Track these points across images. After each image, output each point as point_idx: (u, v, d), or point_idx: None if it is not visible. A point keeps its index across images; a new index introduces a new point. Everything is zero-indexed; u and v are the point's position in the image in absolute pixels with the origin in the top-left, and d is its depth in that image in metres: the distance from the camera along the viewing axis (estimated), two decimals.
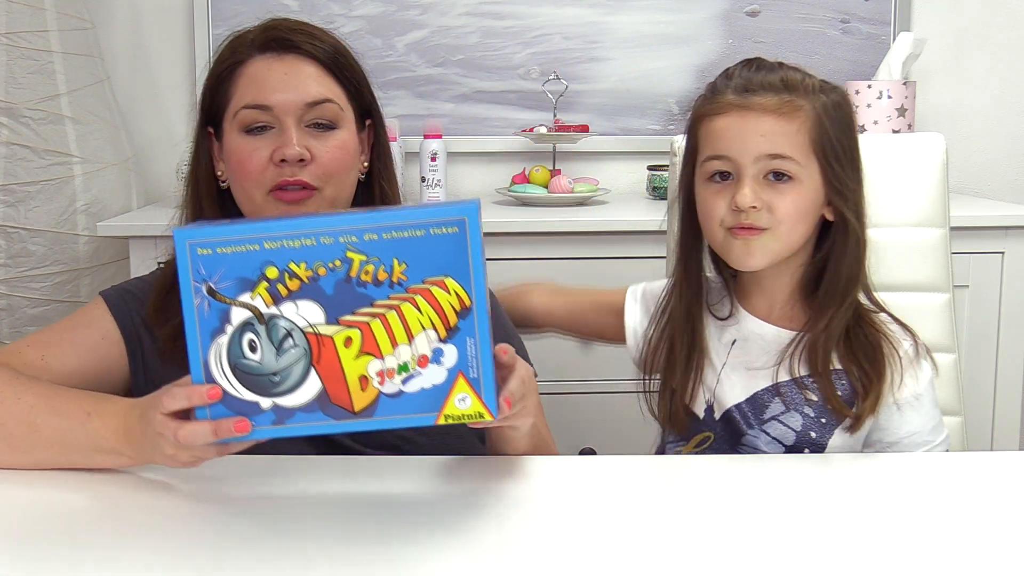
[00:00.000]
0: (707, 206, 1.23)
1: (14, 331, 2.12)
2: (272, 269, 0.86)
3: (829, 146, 1.21)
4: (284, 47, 1.21)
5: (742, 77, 1.24)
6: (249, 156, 1.19)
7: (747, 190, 1.19)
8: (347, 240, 0.86)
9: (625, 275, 2.11)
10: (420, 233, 0.87)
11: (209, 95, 1.24)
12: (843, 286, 1.23)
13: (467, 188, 2.60)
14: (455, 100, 2.58)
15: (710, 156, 1.22)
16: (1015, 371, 2.17)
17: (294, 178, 1.18)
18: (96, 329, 1.20)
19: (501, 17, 2.56)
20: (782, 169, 1.19)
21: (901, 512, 0.98)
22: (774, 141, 1.19)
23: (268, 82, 1.20)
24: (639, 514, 0.97)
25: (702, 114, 1.25)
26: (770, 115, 1.20)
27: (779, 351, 1.25)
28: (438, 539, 0.90)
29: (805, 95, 1.22)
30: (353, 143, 1.24)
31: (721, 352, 1.28)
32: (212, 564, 0.85)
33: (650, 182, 2.47)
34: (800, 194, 1.20)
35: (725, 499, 1.02)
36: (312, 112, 1.20)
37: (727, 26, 2.59)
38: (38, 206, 2.12)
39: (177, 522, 0.94)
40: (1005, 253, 2.14)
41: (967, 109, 2.65)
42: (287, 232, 0.86)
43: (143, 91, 2.55)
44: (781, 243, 1.21)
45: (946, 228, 1.51)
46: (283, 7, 2.48)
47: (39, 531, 0.92)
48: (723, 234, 1.22)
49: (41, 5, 2.14)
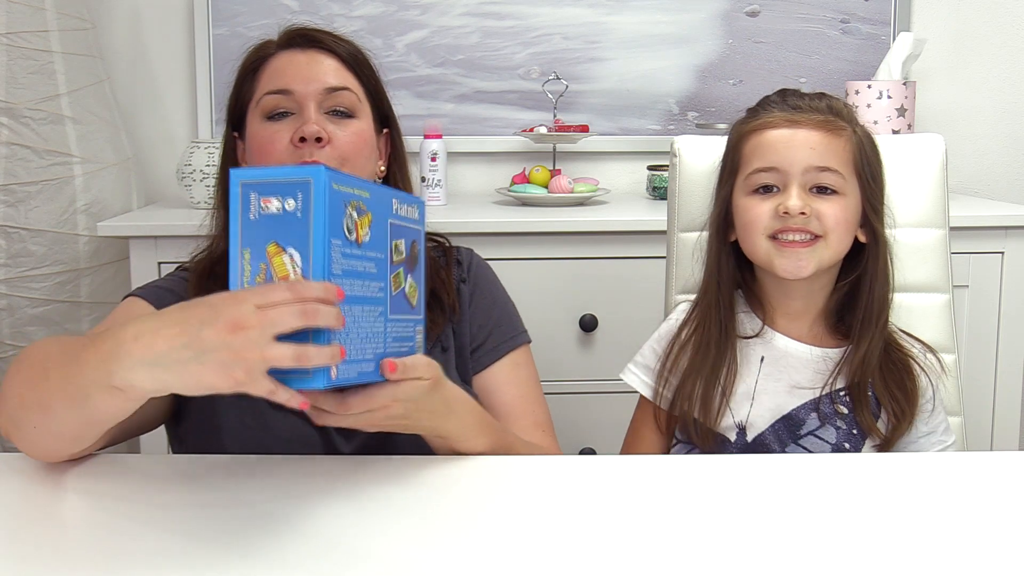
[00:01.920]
0: (750, 215, 1.24)
1: (14, 331, 2.12)
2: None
3: (868, 170, 1.27)
4: (307, 42, 1.27)
5: (787, 100, 1.28)
6: (270, 140, 1.23)
7: (795, 197, 1.21)
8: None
9: (625, 275, 2.13)
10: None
11: (234, 96, 1.29)
12: (878, 306, 1.26)
13: (467, 188, 2.60)
14: (455, 100, 2.58)
15: (758, 168, 1.24)
16: (1015, 371, 2.17)
17: (312, 158, 1.21)
18: None
19: (501, 17, 2.56)
20: (827, 182, 1.23)
21: (901, 512, 0.98)
22: (823, 154, 1.23)
23: (290, 70, 1.25)
24: (639, 514, 0.97)
25: (749, 130, 1.27)
26: (819, 129, 1.24)
27: (813, 369, 1.27)
28: (436, 539, 0.90)
29: (848, 120, 1.27)
30: (370, 134, 1.28)
31: (752, 371, 1.28)
32: (203, 563, 0.86)
33: (650, 182, 2.47)
34: (845, 205, 1.23)
35: (726, 499, 1.02)
36: (331, 99, 1.24)
37: (727, 26, 2.59)
38: (38, 206, 2.12)
39: (165, 522, 0.94)
40: (1005, 253, 2.14)
41: (967, 109, 2.65)
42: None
43: (143, 91, 2.55)
44: (831, 251, 1.23)
45: (946, 228, 1.51)
46: (283, 7, 2.48)
47: (32, 531, 0.92)
48: (766, 245, 1.23)
49: (41, 5, 2.14)
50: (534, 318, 1.42)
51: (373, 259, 0.95)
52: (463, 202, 2.44)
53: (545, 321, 2.08)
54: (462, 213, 2.24)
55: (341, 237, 0.89)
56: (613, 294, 2.14)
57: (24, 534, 0.92)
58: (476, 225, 2.11)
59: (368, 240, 0.94)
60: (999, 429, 2.18)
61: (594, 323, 2.12)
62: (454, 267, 1.35)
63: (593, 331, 2.13)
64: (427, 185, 2.35)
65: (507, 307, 1.38)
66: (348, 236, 0.90)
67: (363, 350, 0.94)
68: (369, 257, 0.94)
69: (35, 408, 0.98)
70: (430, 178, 2.35)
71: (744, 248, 1.28)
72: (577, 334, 2.13)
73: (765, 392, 1.25)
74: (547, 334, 2.08)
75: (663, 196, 2.36)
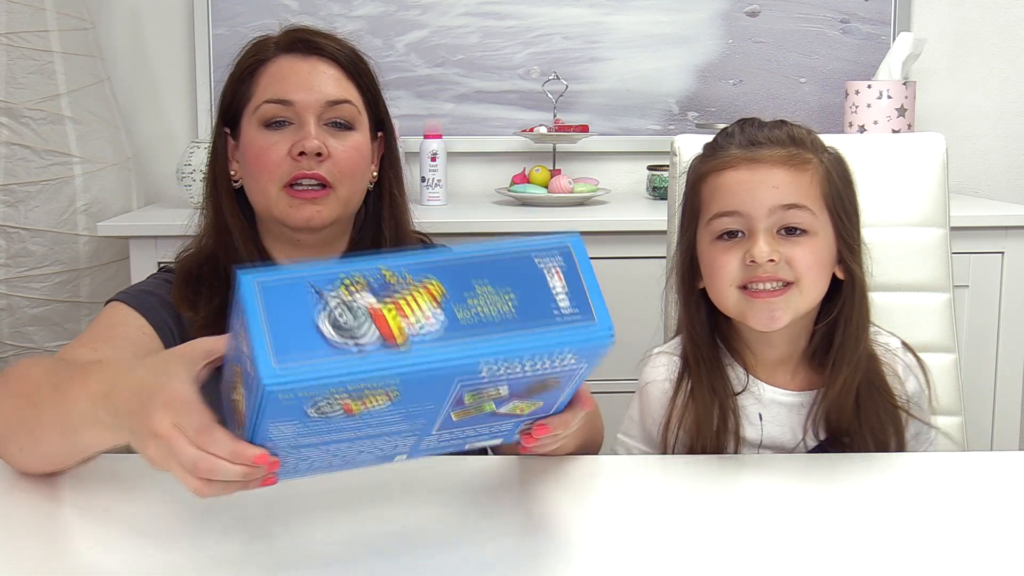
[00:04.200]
0: (715, 265, 1.15)
1: (14, 331, 2.12)
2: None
3: (839, 201, 1.17)
4: (308, 49, 1.25)
5: (745, 134, 1.18)
6: (267, 149, 1.22)
7: (762, 243, 1.11)
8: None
9: (625, 275, 2.12)
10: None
11: (230, 93, 1.28)
12: (855, 343, 1.17)
13: (467, 188, 2.60)
14: (455, 100, 2.58)
15: (719, 213, 1.14)
16: (1015, 371, 2.17)
17: (311, 172, 1.21)
18: (132, 326, 1.21)
19: (501, 17, 2.56)
20: (796, 222, 1.13)
21: (901, 512, 0.98)
22: (787, 192, 1.13)
23: (291, 79, 1.23)
24: (639, 514, 0.97)
25: (706, 171, 1.18)
26: (781, 167, 1.14)
27: (800, 418, 1.19)
28: (435, 539, 0.90)
29: (812, 150, 1.17)
30: (367, 147, 1.28)
31: (756, 430, 1.20)
32: (203, 561, 0.85)
33: (650, 182, 2.47)
34: (816, 246, 1.14)
35: (726, 499, 1.02)
36: (331, 111, 1.23)
37: (727, 26, 2.59)
38: (38, 206, 2.12)
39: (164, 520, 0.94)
40: (1005, 253, 2.14)
41: (967, 109, 2.65)
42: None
43: (143, 91, 2.55)
44: (805, 298, 1.14)
45: (946, 228, 1.51)
46: (283, 7, 2.48)
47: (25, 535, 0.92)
48: (736, 296, 1.14)
49: (41, 5, 2.14)
50: None
51: (392, 415, 0.76)
52: (463, 202, 2.44)
53: None
54: (462, 213, 2.24)
55: (298, 419, 0.73)
56: (613, 294, 2.11)
57: (24, 534, 0.92)
58: (476, 225, 2.11)
59: (386, 405, 0.75)
60: (999, 429, 2.18)
61: None
62: None
63: None
64: (427, 185, 2.35)
65: None
66: (319, 415, 0.73)
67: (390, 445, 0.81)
68: (383, 415, 0.76)
69: (23, 432, 0.99)
70: (430, 178, 2.35)
71: (713, 299, 1.18)
72: None
73: (772, 446, 1.21)
74: None
75: (663, 196, 2.36)
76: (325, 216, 1.24)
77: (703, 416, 1.18)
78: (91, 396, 0.89)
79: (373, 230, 1.33)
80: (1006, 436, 2.18)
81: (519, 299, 0.76)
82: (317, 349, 0.70)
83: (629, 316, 2.11)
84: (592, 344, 0.77)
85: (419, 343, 0.72)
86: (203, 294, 1.25)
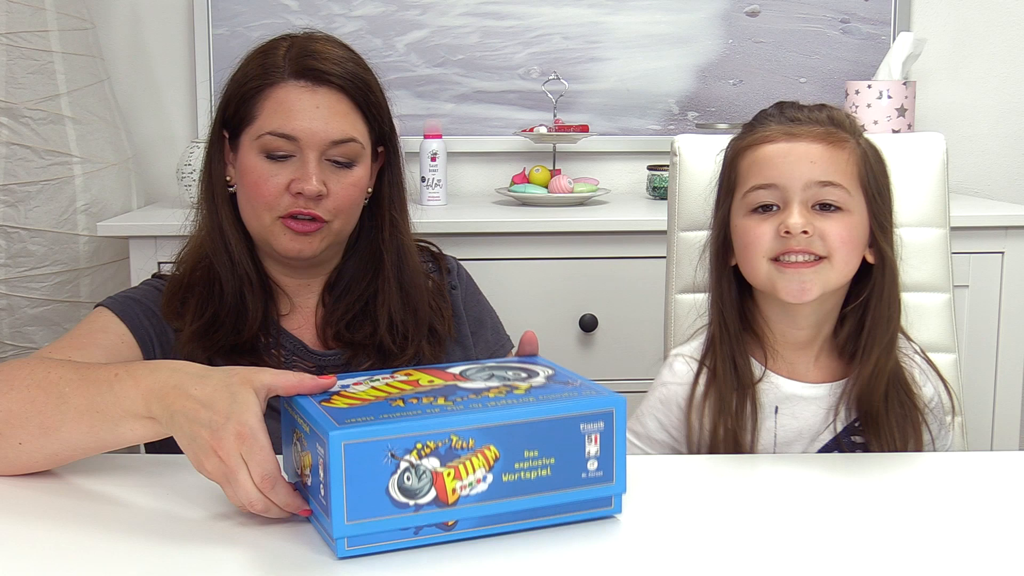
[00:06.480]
0: (750, 236, 1.16)
1: (14, 331, 2.12)
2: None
3: (874, 183, 1.18)
4: (317, 79, 1.21)
5: (785, 114, 1.20)
6: (266, 180, 1.21)
7: (797, 214, 1.13)
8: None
9: (625, 275, 2.13)
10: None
11: (233, 105, 1.24)
12: (886, 324, 1.18)
13: (467, 188, 2.60)
14: (455, 100, 2.58)
15: (755, 186, 1.16)
16: (1015, 371, 2.17)
17: (308, 210, 1.21)
18: (112, 334, 1.21)
19: (501, 17, 2.56)
20: (831, 199, 1.15)
21: (901, 512, 0.98)
22: (824, 168, 1.15)
23: (296, 112, 1.20)
24: (639, 514, 0.96)
25: (745, 145, 1.20)
26: (820, 142, 1.16)
27: (826, 407, 1.20)
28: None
29: (851, 132, 1.19)
30: (366, 179, 1.27)
31: (770, 425, 1.20)
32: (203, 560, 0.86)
33: (650, 182, 2.47)
34: (850, 223, 1.15)
35: (726, 499, 1.02)
36: (335, 149, 1.22)
37: (727, 26, 2.59)
38: (38, 206, 2.12)
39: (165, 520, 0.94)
40: (1005, 253, 2.14)
41: (967, 109, 2.65)
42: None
43: (143, 91, 2.55)
44: (837, 272, 1.15)
45: (946, 228, 1.51)
46: (283, 7, 2.48)
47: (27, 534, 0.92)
48: (768, 268, 1.15)
49: (41, 5, 2.14)
50: (534, 318, 1.43)
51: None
52: (463, 202, 2.44)
53: (545, 321, 2.08)
54: (462, 213, 2.24)
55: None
56: (613, 294, 2.14)
57: (24, 533, 0.92)
58: (476, 225, 2.11)
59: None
60: (999, 429, 2.18)
61: (594, 323, 2.12)
62: (445, 274, 1.38)
63: (593, 331, 2.13)
64: (427, 185, 2.35)
65: (493, 315, 1.41)
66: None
67: None
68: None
69: (33, 424, 0.99)
70: (430, 178, 2.35)
71: (744, 272, 1.19)
72: (577, 334, 2.13)
73: (787, 444, 1.21)
74: (547, 334, 2.07)
75: (663, 196, 2.36)
76: (316, 247, 1.23)
77: (725, 393, 1.19)
78: (144, 392, 0.95)
79: (372, 252, 1.30)
80: (1006, 436, 2.18)
81: (557, 464, 0.89)
82: (383, 509, 0.84)
83: (629, 316, 2.13)
84: (603, 497, 0.92)
85: (464, 500, 0.86)
86: (193, 306, 1.24)
